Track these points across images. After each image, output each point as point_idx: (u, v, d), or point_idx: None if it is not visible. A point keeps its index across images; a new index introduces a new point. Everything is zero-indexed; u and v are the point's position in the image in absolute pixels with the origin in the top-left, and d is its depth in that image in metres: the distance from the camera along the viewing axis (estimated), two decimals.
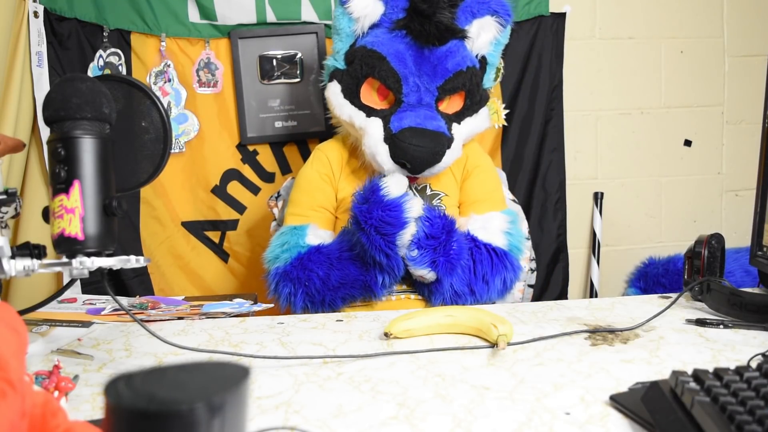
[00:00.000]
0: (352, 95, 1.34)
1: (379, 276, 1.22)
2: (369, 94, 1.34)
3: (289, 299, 1.28)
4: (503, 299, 1.32)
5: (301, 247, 1.28)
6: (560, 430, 0.63)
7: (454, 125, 1.33)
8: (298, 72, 1.82)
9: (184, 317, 1.10)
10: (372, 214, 1.15)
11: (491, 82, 1.44)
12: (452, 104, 1.35)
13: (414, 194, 1.32)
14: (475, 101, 1.36)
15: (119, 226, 0.79)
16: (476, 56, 1.36)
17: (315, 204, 1.37)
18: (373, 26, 1.34)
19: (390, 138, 1.27)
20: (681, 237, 2.11)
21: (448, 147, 1.29)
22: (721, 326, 0.94)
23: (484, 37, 1.35)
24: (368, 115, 1.32)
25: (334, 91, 1.36)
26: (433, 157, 1.27)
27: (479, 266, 1.25)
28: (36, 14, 1.63)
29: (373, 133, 1.29)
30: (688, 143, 2.11)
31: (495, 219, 1.34)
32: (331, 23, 1.41)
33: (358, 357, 0.86)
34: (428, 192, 1.38)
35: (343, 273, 1.23)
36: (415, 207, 1.18)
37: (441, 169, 1.31)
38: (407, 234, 1.16)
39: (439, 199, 1.37)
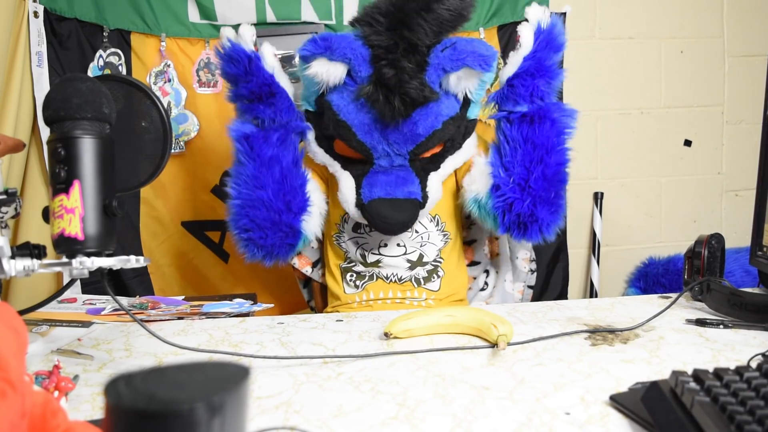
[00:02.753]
0: (326, 146, 1.31)
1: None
2: (342, 148, 1.29)
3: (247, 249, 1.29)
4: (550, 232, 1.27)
5: None
6: (560, 430, 0.63)
7: (432, 175, 1.28)
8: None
9: (184, 317, 1.10)
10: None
11: (477, 112, 1.34)
12: (430, 152, 1.28)
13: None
14: (456, 143, 1.30)
15: (119, 226, 0.79)
16: (458, 96, 1.25)
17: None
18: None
19: (361, 206, 1.25)
20: (681, 237, 2.11)
21: (422, 207, 1.26)
22: (721, 326, 0.94)
23: (465, 83, 1.23)
24: (343, 166, 1.29)
25: (308, 138, 1.33)
26: (403, 227, 1.25)
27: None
28: (36, 14, 1.63)
29: (346, 192, 1.27)
30: (688, 143, 2.11)
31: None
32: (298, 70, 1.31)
33: (358, 357, 0.86)
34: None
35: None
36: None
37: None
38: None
39: (443, 224, 1.37)
